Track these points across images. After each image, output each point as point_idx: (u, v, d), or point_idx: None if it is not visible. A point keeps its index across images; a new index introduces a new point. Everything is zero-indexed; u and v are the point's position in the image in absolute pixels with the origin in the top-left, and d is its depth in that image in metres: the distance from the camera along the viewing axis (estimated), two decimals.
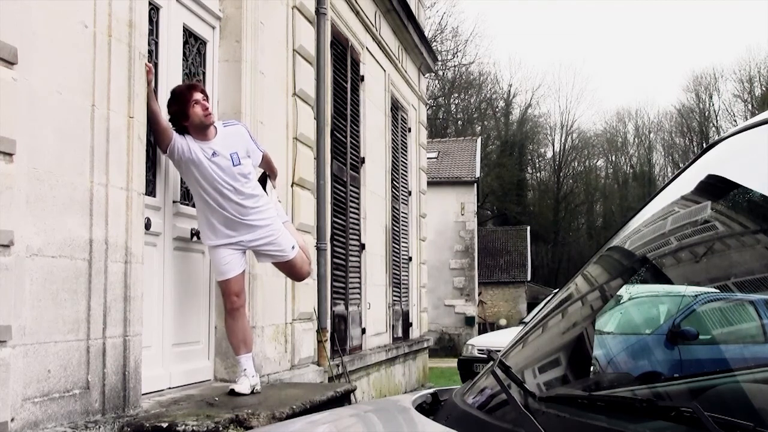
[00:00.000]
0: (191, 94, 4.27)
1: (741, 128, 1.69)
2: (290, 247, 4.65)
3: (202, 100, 4.27)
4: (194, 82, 4.74)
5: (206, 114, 4.28)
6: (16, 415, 2.95)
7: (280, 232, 4.61)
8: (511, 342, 1.84)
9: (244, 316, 4.59)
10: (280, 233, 4.60)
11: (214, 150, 4.31)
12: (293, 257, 4.69)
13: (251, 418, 3.76)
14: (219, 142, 4.35)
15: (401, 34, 10.81)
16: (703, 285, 1.62)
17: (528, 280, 33.39)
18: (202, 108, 4.26)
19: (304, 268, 4.91)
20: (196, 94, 4.27)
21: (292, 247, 4.66)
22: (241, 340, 4.54)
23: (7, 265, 2.90)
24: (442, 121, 41.95)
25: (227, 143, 4.37)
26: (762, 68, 47.13)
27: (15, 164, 2.96)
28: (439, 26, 38.15)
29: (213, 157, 4.30)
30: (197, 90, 4.33)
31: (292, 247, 4.67)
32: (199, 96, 4.27)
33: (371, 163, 9.20)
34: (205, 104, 4.29)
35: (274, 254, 4.65)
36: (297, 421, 2.19)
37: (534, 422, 1.28)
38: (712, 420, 1.08)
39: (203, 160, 4.28)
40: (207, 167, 4.29)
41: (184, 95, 4.29)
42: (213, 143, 4.33)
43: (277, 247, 4.60)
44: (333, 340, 7.31)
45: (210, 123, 4.32)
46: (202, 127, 4.30)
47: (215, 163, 4.31)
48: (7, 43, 2.94)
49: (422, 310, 12.29)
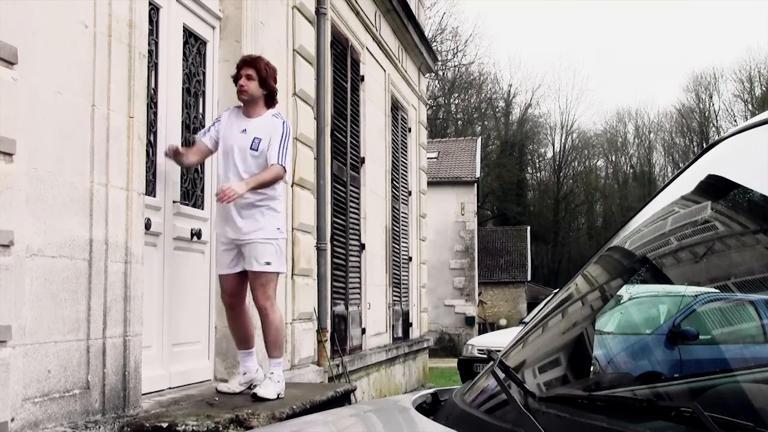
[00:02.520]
0: (239, 70, 4.50)
1: (741, 128, 1.69)
2: (265, 262, 4.32)
3: (244, 77, 4.43)
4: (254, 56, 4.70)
5: (238, 90, 4.46)
6: (16, 415, 2.95)
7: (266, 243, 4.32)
8: (511, 342, 1.84)
9: (239, 317, 4.47)
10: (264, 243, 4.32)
11: (245, 127, 4.42)
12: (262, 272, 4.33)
13: (251, 418, 3.76)
14: (254, 124, 4.44)
15: (401, 34, 10.81)
16: (703, 285, 1.62)
17: (528, 280, 33.38)
18: (238, 85, 4.46)
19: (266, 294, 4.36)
20: (242, 71, 4.47)
21: (266, 263, 4.32)
22: (241, 338, 4.50)
23: (7, 265, 2.90)
24: (442, 121, 41.94)
25: (259, 128, 4.42)
26: (762, 68, 47.16)
27: (15, 164, 2.96)
28: (439, 26, 38.18)
29: (241, 134, 4.40)
30: (244, 66, 4.48)
31: (267, 263, 4.32)
32: (243, 72, 4.45)
33: (371, 163, 9.20)
34: (241, 82, 4.43)
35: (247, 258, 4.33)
36: (297, 421, 2.19)
37: (534, 422, 1.28)
38: (712, 420, 1.08)
39: (234, 135, 4.40)
40: (232, 141, 4.39)
41: (237, 69, 4.52)
42: (249, 122, 4.44)
43: (252, 253, 4.30)
44: (333, 340, 7.31)
45: (241, 100, 4.48)
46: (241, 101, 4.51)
47: (239, 139, 4.39)
48: (7, 43, 2.94)
49: (422, 310, 12.29)
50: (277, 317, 4.45)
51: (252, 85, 4.43)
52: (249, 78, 4.43)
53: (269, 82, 4.48)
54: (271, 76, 4.50)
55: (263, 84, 4.45)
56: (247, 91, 4.43)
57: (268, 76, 4.47)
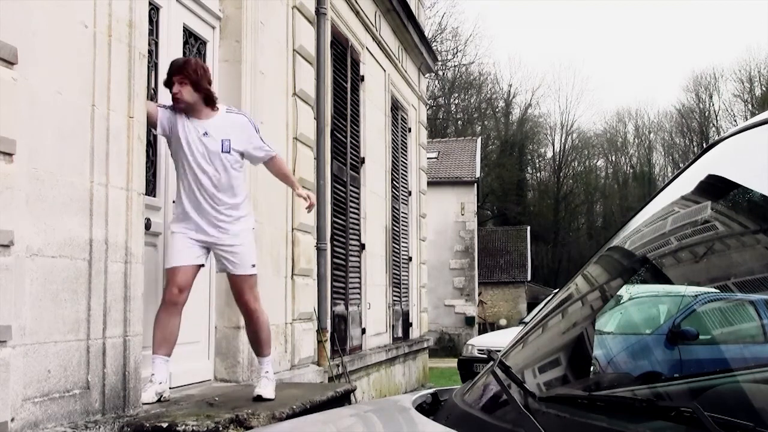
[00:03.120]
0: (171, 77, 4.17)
1: (741, 128, 1.69)
2: (250, 265, 4.30)
3: (177, 84, 4.12)
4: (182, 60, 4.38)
5: (173, 99, 4.17)
6: (16, 415, 2.95)
7: (248, 246, 4.31)
8: (511, 342, 1.84)
9: (178, 316, 4.13)
10: (247, 246, 4.30)
11: (206, 130, 4.18)
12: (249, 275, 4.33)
13: (251, 418, 3.76)
14: (213, 124, 4.21)
15: (401, 34, 10.81)
16: (703, 285, 1.63)
17: (528, 280, 33.37)
18: (172, 93, 4.16)
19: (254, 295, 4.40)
20: (174, 77, 4.14)
21: (252, 265, 4.31)
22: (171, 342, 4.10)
23: (7, 265, 2.90)
24: (442, 121, 41.95)
25: (222, 128, 4.22)
26: (762, 68, 47.17)
27: (15, 164, 2.96)
28: (439, 26, 38.19)
29: (203, 137, 4.17)
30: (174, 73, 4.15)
31: (252, 265, 4.31)
32: (174, 79, 4.13)
33: (371, 163, 9.20)
34: (174, 90, 4.13)
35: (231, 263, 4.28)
36: (297, 420, 2.19)
37: (534, 422, 1.28)
38: (712, 420, 1.08)
39: (194, 139, 4.16)
40: (194, 145, 4.15)
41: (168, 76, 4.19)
42: (206, 124, 4.19)
43: (238, 258, 4.26)
44: (333, 340, 7.31)
45: (178, 108, 4.18)
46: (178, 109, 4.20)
47: (204, 143, 4.17)
48: (7, 43, 2.94)
49: (422, 310, 12.29)
50: (266, 317, 4.51)
51: (185, 90, 4.13)
52: (181, 83, 4.13)
53: (203, 84, 4.16)
54: (203, 78, 4.18)
55: (197, 88, 4.14)
56: (182, 99, 4.12)
57: (200, 79, 4.15)
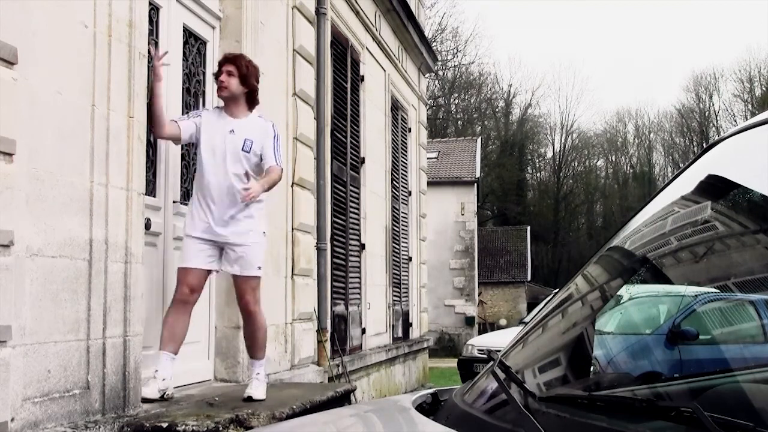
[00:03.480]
0: (220, 66, 4.40)
1: (741, 128, 1.69)
2: (256, 267, 4.35)
3: (225, 74, 4.33)
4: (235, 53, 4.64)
5: (218, 87, 4.38)
6: (16, 415, 2.95)
7: (256, 247, 4.34)
8: (511, 342, 1.84)
9: (188, 315, 4.20)
10: (255, 247, 4.33)
11: (233, 128, 4.32)
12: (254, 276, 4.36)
13: (251, 418, 3.76)
14: (240, 124, 4.34)
15: (401, 34, 10.81)
16: (703, 285, 1.63)
17: (528, 280, 33.37)
18: (218, 81, 4.37)
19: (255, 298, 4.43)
20: (223, 67, 4.37)
21: (258, 267, 4.36)
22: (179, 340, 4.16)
23: (7, 265, 2.90)
24: (442, 121, 41.94)
25: (248, 128, 4.34)
26: (762, 68, 47.15)
27: (15, 164, 2.96)
28: (439, 26, 38.16)
29: (229, 134, 4.30)
30: (225, 63, 4.38)
31: (258, 267, 4.37)
32: (223, 68, 4.36)
33: (371, 163, 9.20)
34: (221, 78, 4.33)
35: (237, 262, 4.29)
36: (297, 420, 2.19)
37: (534, 422, 1.28)
38: (712, 420, 1.08)
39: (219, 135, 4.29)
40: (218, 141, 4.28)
41: (219, 66, 4.43)
42: (235, 122, 4.34)
43: (245, 258, 4.29)
44: (333, 340, 7.31)
45: (221, 97, 4.40)
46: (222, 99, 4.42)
47: (227, 141, 4.29)
48: (7, 43, 2.94)
49: (422, 310, 12.29)
50: (264, 320, 4.53)
51: (233, 81, 4.31)
52: (230, 74, 4.32)
53: (250, 80, 4.35)
54: (252, 75, 4.38)
55: (244, 81, 4.33)
56: (228, 88, 4.32)
57: (249, 74, 4.35)
